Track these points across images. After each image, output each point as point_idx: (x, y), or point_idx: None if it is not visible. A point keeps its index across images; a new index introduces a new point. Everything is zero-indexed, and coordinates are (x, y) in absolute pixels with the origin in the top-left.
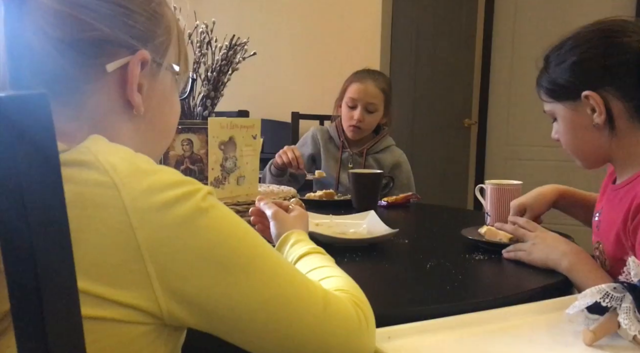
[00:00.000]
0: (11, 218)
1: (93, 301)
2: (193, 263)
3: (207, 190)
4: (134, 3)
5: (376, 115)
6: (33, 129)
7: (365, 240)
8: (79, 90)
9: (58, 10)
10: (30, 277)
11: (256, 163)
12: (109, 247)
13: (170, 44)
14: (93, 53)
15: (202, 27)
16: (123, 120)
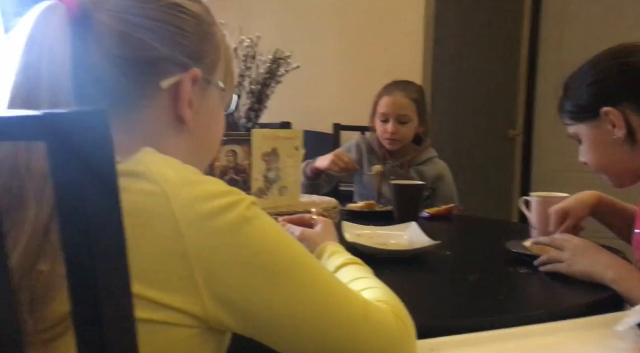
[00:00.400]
0: (72, 228)
1: (146, 304)
2: (237, 270)
3: (251, 200)
4: (188, 24)
5: (410, 125)
6: (92, 144)
7: (407, 252)
8: (136, 105)
9: (119, 30)
10: (89, 281)
11: (298, 174)
12: (159, 254)
13: (219, 62)
14: (150, 70)
15: (247, 41)
16: (173, 133)
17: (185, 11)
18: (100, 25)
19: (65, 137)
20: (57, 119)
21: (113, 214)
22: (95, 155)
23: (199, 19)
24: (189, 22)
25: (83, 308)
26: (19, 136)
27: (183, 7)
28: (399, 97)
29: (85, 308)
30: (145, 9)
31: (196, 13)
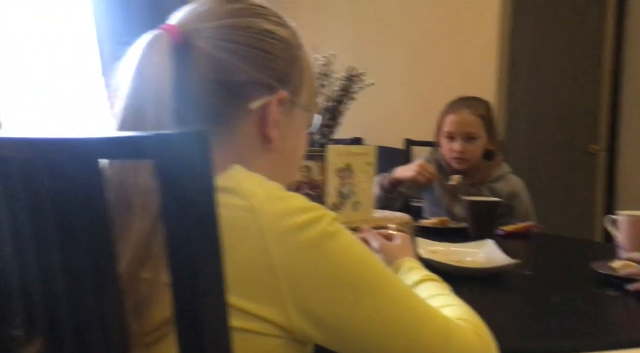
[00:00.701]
0: (176, 239)
1: (237, 314)
2: (321, 284)
3: (333, 216)
4: (276, 48)
5: (478, 143)
6: (194, 163)
7: (485, 270)
8: (227, 125)
9: (215, 56)
10: (190, 291)
11: (371, 189)
12: (248, 265)
13: (304, 84)
14: (240, 93)
15: (322, 59)
16: (260, 152)
17: (274, 36)
18: (198, 51)
19: (172, 156)
20: (165, 140)
21: (211, 227)
22: (197, 172)
23: (286, 44)
24: (277, 47)
25: (184, 315)
26: (132, 155)
27: (273, 32)
28: (465, 114)
29: (186, 315)
30: (239, 36)
31: (284, 38)
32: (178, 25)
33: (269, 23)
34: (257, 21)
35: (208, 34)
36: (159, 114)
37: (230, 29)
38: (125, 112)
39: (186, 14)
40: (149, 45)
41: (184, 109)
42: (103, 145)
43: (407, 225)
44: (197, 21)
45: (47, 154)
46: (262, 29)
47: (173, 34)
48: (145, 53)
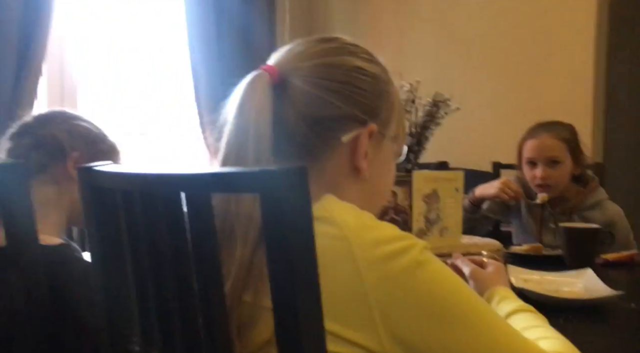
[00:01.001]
0: (278, 268)
1: (332, 338)
2: (412, 312)
3: (423, 245)
4: (367, 84)
5: (562, 167)
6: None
7: (585, 301)
8: (320, 157)
9: (310, 93)
10: (290, 316)
11: (459, 215)
12: (342, 292)
13: (393, 116)
14: (334, 127)
15: (407, 86)
16: (350, 182)
17: (365, 73)
18: (294, 89)
19: (275, 190)
20: (269, 175)
21: (310, 256)
22: (297, 205)
23: (376, 79)
24: (368, 82)
25: (285, 337)
26: (240, 189)
27: (364, 69)
28: (545, 138)
29: (286, 337)
30: (333, 73)
31: (374, 74)
32: (276, 65)
33: (360, 60)
34: (349, 59)
35: (304, 73)
36: (258, 148)
37: (324, 67)
38: (228, 147)
39: (283, 54)
40: (250, 84)
41: (281, 143)
42: (215, 180)
43: (497, 252)
44: (294, 61)
45: (164, 187)
46: (354, 66)
47: (272, 73)
48: (247, 92)
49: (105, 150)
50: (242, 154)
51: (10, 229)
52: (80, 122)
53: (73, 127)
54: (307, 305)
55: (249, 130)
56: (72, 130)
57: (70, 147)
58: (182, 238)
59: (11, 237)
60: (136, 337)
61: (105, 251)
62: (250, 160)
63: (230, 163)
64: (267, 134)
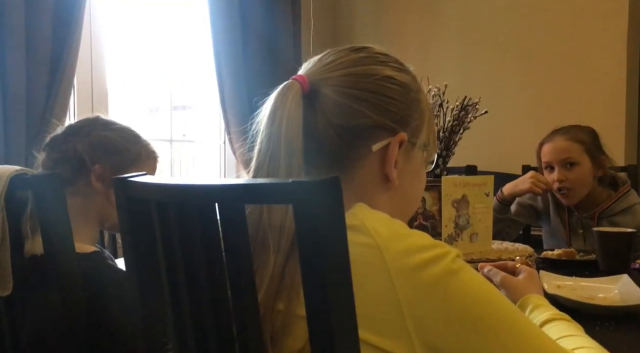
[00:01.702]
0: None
1: (366, 347)
2: (446, 321)
3: (456, 253)
4: (397, 93)
5: (580, 169)
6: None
7: (622, 308)
8: (350, 166)
9: (341, 103)
10: (327, 326)
11: (489, 220)
12: (376, 301)
13: (423, 125)
14: (364, 136)
15: (435, 90)
16: (380, 191)
17: (395, 82)
18: (325, 98)
19: (309, 201)
20: (303, 186)
21: (344, 265)
22: (331, 215)
23: (407, 88)
24: (398, 92)
25: (320, 347)
26: (272, 200)
27: (394, 78)
28: (559, 140)
29: (321, 346)
30: (363, 83)
31: (404, 83)
32: (307, 75)
33: (390, 69)
34: (379, 68)
35: (334, 83)
36: (290, 157)
37: (354, 77)
38: (260, 156)
39: (314, 64)
40: (281, 94)
41: (311, 152)
42: (248, 191)
43: (529, 257)
44: (324, 71)
45: (198, 199)
46: (384, 75)
47: (303, 83)
48: (278, 101)
49: (131, 159)
50: (273, 164)
51: (47, 238)
52: (107, 132)
53: (97, 139)
54: (341, 314)
55: (280, 139)
56: (95, 142)
57: (92, 161)
58: (216, 248)
59: (49, 245)
60: (171, 345)
61: (140, 261)
62: (282, 170)
63: (263, 173)
64: (298, 144)
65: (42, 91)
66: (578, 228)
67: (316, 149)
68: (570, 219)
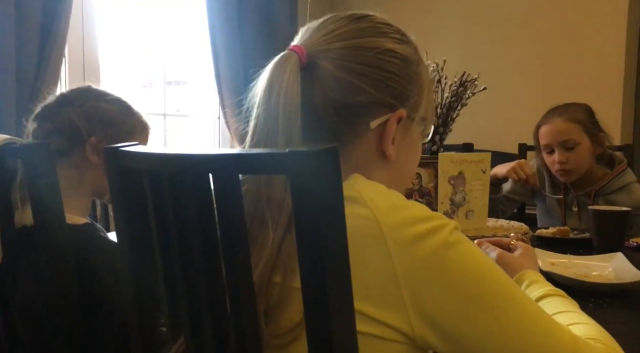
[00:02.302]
0: (307, 247)
1: (363, 319)
2: (442, 293)
3: (454, 225)
4: (399, 67)
5: (580, 150)
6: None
7: (615, 286)
8: (347, 142)
9: (341, 78)
10: (321, 296)
11: (485, 198)
12: (373, 273)
13: (422, 98)
14: (362, 113)
15: (433, 66)
16: (377, 166)
17: (397, 56)
18: (324, 72)
19: (305, 172)
20: (299, 156)
21: (340, 236)
22: (327, 186)
23: (408, 62)
24: (399, 66)
25: (314, 317)
26: (268, 170)
27: (396, 51)
28: (557, 122)
29: (316, 317)
30: (364, 57)
31: (406, 56)
32: (304, 45)
33: (392, 42)
34: (380, 41)
35: (334, 55)
36: (288, 131)
37: (355, 50)
38: (257, 130)
39: (312, 33)
40: (278, 66)
41: (309, 126)
42: (242, 160)
43: (524, 235)
44: (324, 42)
45: (192, 168)
46: (386, 48)
47: (301, 54)
48: (276, 73)
49: (127, 131)
50: (271, 139)
51: (37, 208)
52: (101, 103)
53: (92, 109)
54: (337, 285)
55: (278, 114)
56: (90, 113)
57: (88, 133)
58: (210, 218)
59: (38, 216)
60: (164, 317)
61: (133, 232)
62: (280, 143)
63: (259, 145)
64: (297, 118)
65: (33, 60)
66: (573, 206)
67: (314, 124)
68: (566, 197)
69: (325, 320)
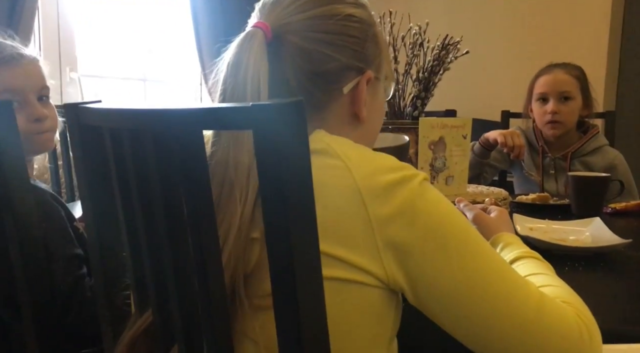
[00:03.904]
0: (272, 197)
1: (342, 265)
2: (412, 240)
3: (423, 176)
4: (360, 31)
5: (572, 104)
6: (291, 129)
7: (591, 249)
8: (322, 109)
9: (307, 48)
10: (285, 246)
11: (465, 163)
12: (347, 219)
13: (383, 58)
14: (335, 79)
15: (415, 29)
16: (350, 129)
17: (356, 19)
18: (291, 45)
19: (269, 124)
20: (263, 109)
21: (306, 189)
22: (293, 139)
23: (366, 24)
24: (360, 29)
25: (279, 267)
26: (231, 125)
27: (354, 16)
28: (559, 73)
29: (280, 266)
30: (326, 25)
31: (363, 19)
32: (268, 21)
33: (349, 7)
34: (339, 7)
35: (298, 28)
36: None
37: (317, 20)
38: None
39: (272, 7)
40: (244, 43)
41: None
42: (206, 115)
43: (503, 201)
44: (286, 16)
45: (153, 124)
46: (346, 14)
47: (266, 31)
48: (242, 50)
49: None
50: None
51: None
52: None
53: None
54: (300, 234)
55: (246, 90)
56: None
57: None
58: (173, 178)
59: (2, 178)
60: (128, 279)
61: (94, 191)
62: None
63: None
64: (264, 93)
65: (2, 13)
66: (550, 169)
67: (285, 97)
68: (543, 160)
69: (289, 263)
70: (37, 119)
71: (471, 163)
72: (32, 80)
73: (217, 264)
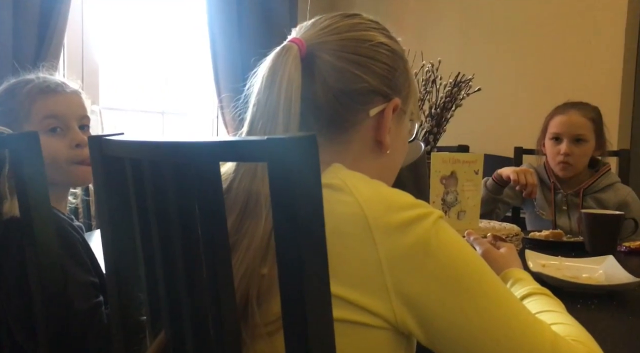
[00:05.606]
0: (286, 235)
1: (348, 306)
2: (424, 281)
3: (439, 214)
4: (391, 60)
5: (586, 146)
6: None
7: (604, 288)
8: (347, 130)
9: (340, 67)
10: (297, 282)
11: (477, 198)
12: (356, 259)
13: (411, 93)
14: (362, 100)
15: (428, 66)
16: (372, 156)
17: (388, 49)
18: (323, 63)
19: (282, 158)
20: (276, 143)
21: (318, 223)
22: (305, 172)
23: (397, 55)
24: (391, 58)
25: (291, 304)
26: (247, 158)
27: (387, 45)
28: (575, 115)
29: (292, 303)
30: (359, 48)
31: (396, 50)
32: (303, 38)
33: (383, 36)
34: (373, 34)
35: (332, 47)
36: (288, 120)
37: (351, 41)
38: (255, 119)
39: (308, 28)
40: (280, 56)
41: (308, 116)
42: (223, 149)
43: (516, 236)
44: (321, 35)
45: (172, 156)
46: (379, 41)
47: (301, 46)
48: (277, 64)
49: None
50: (270, 126)
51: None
52: None
53: None
54: (314, 272)
55: (279, 102)
56: None
57: None
58: (190, 208)
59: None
60: (144, 305)
61: (114, 220)
62: (279, 132)
63: (258, 135)
64: (296, 107)
65: (31, 50)
66: (563, 205)
67: (313, 114)
68: (555, 197)
69: (302, 307)
70: (78, 145)
71: (484, 199)
72: (74, 108)
73: (229, 292)
